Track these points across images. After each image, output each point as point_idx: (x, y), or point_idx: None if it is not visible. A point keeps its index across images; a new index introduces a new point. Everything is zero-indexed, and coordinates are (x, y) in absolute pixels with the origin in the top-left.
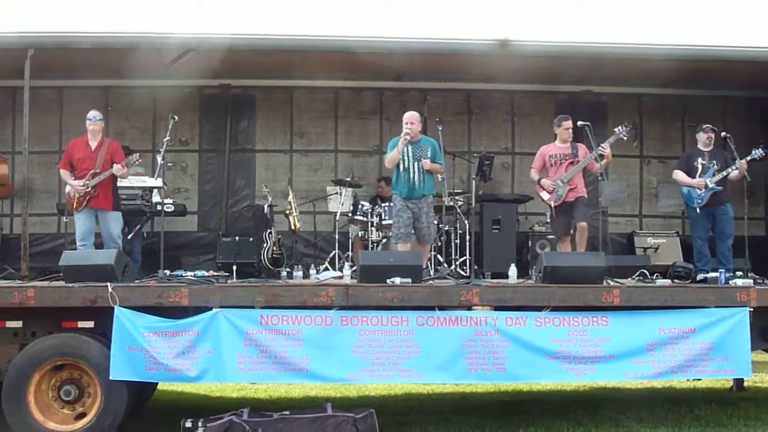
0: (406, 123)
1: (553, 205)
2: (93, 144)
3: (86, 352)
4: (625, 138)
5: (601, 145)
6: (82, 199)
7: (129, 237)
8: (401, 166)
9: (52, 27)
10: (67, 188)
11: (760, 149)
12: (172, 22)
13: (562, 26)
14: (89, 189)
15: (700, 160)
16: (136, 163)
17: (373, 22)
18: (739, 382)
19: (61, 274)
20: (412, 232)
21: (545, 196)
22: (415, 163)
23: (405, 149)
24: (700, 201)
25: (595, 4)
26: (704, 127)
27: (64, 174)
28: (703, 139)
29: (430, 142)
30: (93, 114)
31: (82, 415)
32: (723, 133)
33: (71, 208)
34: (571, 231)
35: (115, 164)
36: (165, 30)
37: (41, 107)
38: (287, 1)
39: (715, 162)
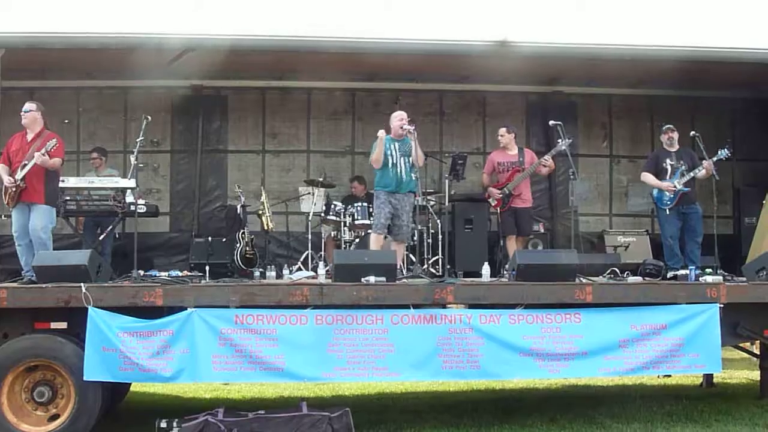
0: (401, 119)
1: (499, 211)
2: (29, 136)
3: (60, 353)
4: (565, 149)
5: (544, 157)
6: (13, 194)
7: (101, 238)
8: (389, 162)
9: (24, 27)
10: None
11: (726, 149)
12: (145, 22)
13: (559, 27)
14: (18, 182)
15: (668, 161)
16: (52, 149)
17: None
18: (709, 378)
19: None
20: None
21: (493, 202)
22: (402, 158)
23: (392, 146)
24: (669, 203)
25: (593, 5)
26: (664, 128)
27: (2, 169)
28: (665, 140)
29: (409, 142)
30: (25, 106)
31: (55, 417)
32: (692, 133)
33: (7, 206)
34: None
35: (36, 152)
36: (140, 30)
37: (11, 108)
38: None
39: (682, 162)
